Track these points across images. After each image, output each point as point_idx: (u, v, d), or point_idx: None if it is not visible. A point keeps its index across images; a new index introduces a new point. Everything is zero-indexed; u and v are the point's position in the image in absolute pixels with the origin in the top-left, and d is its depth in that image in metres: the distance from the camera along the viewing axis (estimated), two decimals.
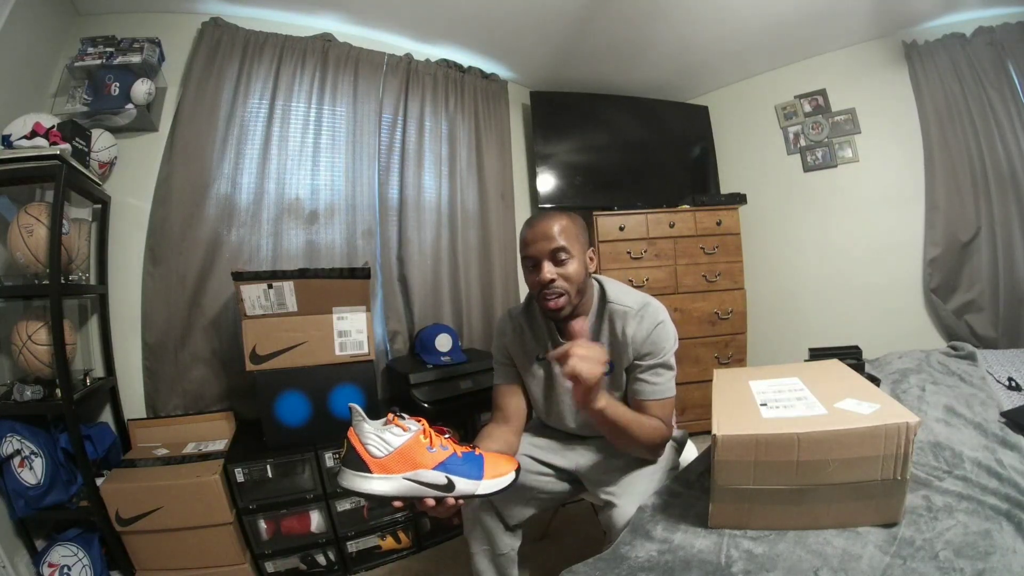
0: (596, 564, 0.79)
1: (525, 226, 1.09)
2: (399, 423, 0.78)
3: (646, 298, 1.11)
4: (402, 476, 0.77)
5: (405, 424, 0.79)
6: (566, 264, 1.04)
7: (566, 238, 1.04)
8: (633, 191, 2.80)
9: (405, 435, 0.78)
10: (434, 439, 0.80)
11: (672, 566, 0.74)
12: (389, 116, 2.30)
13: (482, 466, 0.82)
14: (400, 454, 0.77)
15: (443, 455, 0.79)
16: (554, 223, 1.05)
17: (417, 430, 0.79)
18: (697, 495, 0.93)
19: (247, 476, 1.57)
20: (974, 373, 1.48)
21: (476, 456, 0.84)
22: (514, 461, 0.89)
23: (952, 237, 2.40)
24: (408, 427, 0.78)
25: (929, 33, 2.41)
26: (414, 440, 0.78)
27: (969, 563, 0.66)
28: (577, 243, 1.06)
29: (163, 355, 1.83)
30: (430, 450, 0.79)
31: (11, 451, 1.38)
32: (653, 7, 2.17)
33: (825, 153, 2.73)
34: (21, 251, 1.42)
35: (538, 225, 1.06)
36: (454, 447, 0.82)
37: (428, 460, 0.78)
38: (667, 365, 1.08)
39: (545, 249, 1.04)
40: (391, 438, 0.77)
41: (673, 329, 1.10)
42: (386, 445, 0.76)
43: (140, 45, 1.75)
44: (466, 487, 0.80)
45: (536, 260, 1.05)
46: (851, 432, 0.73)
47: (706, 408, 0.91)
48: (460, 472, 0.80)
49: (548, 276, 1.03)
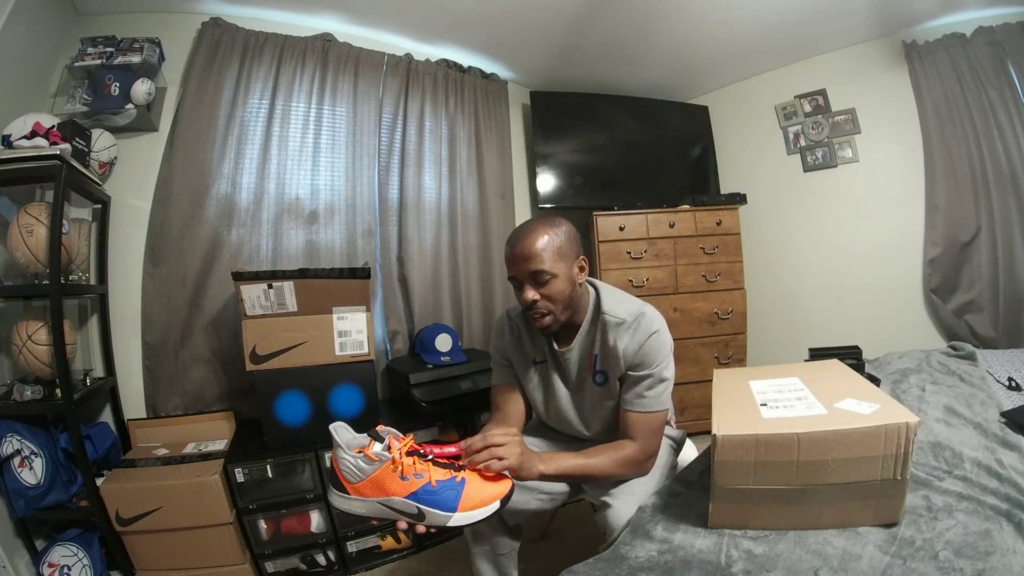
0: (596, 564, 0.79)
1: (507, 244, 1.06)
2: (370, 454, 0.79)
3: (642, 307, 1.07)
4: (376, 500, 0.80)
5: (376, 454, 0.79)
6: (548, 285, 1.01)
7: (547, 257, 1.00)
8: (633, 191, 2.80)
9: (375, 465, 0.79)
10: (407, 468, 0.80)
11: (672, 566, 0.74)
12: (389, 116, 2.30)
13: (459, 496, 0.81)
14: (372, 482, 0.79)
15: (416, 484, 0.80)
16: (534, 242, 1.01)
17: (386, 461, 0.79)
18: (697, 495, 0.93)
19: (247, 476, 1.57)
20: (974, 373, 1.48)
21: (455, 484, 0.82)
22: (506, 484, 0.86)
23: (952, 237, 2.40)
24: (379, 456, 0.79)
25: (929, 33, 2.41)
26: (384, 471, 0.79)
27: (969, 563, 0.66)
28: (560, 260, 1.02)
29: (163, 355, 1.83)
30: (402, 479, 0.79)
31: (11, 451, 1.38)
32: (653, 7, 2.17)
33: (825, 153, 2.73)
34: (21, 251, 1.42)
35: (517, 245, 1.02)
36: (431, 475, 0.81)
37: (399, 488, 0.79)
38: (659, 378, 1.03)
39: (525, 271, 1.02)
40: (363, 466, 0.79)
41: (668, 340, 1.06)
42: (358, 473, 0.79)
43: (140, 45, 1.75)
44: (436, 520, 0.80)
45: (518, 281, 1.04)
46: (851, 432, 0.73)
47: (706, 408, 0.91)
48: (431, 503, 0.80)
49: (530, 298, 1.02)
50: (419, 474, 0.80)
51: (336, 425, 0.83)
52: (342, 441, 0.80)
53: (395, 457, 0.80)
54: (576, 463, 0.99)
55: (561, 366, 1.14)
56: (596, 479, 1.03)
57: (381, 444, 0.81)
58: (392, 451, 0.80)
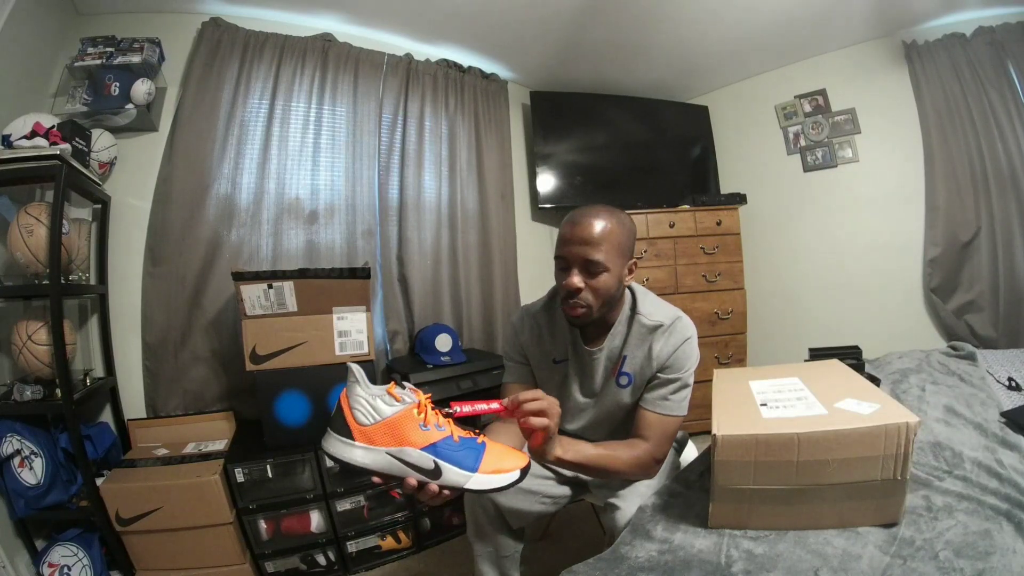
0: (596, 564, 0.79)
1: (567, 220, 1.00)
2: (394, 393, 0.70)
3: (678, 313, 1.06)
4: (385, 450, 0.69)
5: (400, 395, 0.71)
6: (598, 277, 0.96)
7: (606, 249, 0.95)
8: (633, 191, 2.80)
9: (396, 406, 0.70)
10: (429, 416, 0.72)
11: (672, 566, 0.74)
12: (389, 116, 2.30)
13: (480, 457, 0.73)
14: (387, 426, 0.69)
15: (436, 436, 0.71)
16: (599, 228, 0.95)
17: (411, 403, 0.71)
18: (697, 495, 0.93)
19: (247, 476, 1.56)
20: (974, 373, 1.48)
21: (476, 444, 0.74)
22: (524, 457, 0.77)
23: (952, 237, 2.40)
24: (402, 398, 0.71)
25: (929, 33, 2.41)
26: (405, 413, 0.70)
27: (969, 563, 0.66)
28: (617, 255, 0.98)
29: (163, 355, 1.83)
30: (422, 428, 0.71)
31: (11, 451, 1.38)
32: (653, 7, 2.17)
33: (825, 153, 2.73)
34: (21, 251, 1.42)
35: (580, 225, 0.96)
36: (452, 429, 0.74)
37: (417, 438, 0.70)
38: (684, 383, 1.02)
39: (579, 256, 0.96)
40: (381, 407, 0.70)
41: (697, 348, 1.05)
42: (374, 413, 0.69)
43: (140, 45, 1.75)
44: (454, 477, 0.71)
45: (567, 263, 0.98)
46: (851, 432, 0.73)
47: (706, 408, 0.90)
48: (451, 459, 0.71)
49: (576, 285, 0.96)
50: (441, 426, 0.72)
51: (354, 365, 0.73)
52: (360, 377, 0.70)
53: (420, 401, 0.72)
54: (595, 453, 0.95)
55: (585, 366, 1.10)
56: (608, 474, 1.00)
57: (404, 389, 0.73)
58: (418, 393, 0.73)
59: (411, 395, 0.72)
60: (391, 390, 0.70)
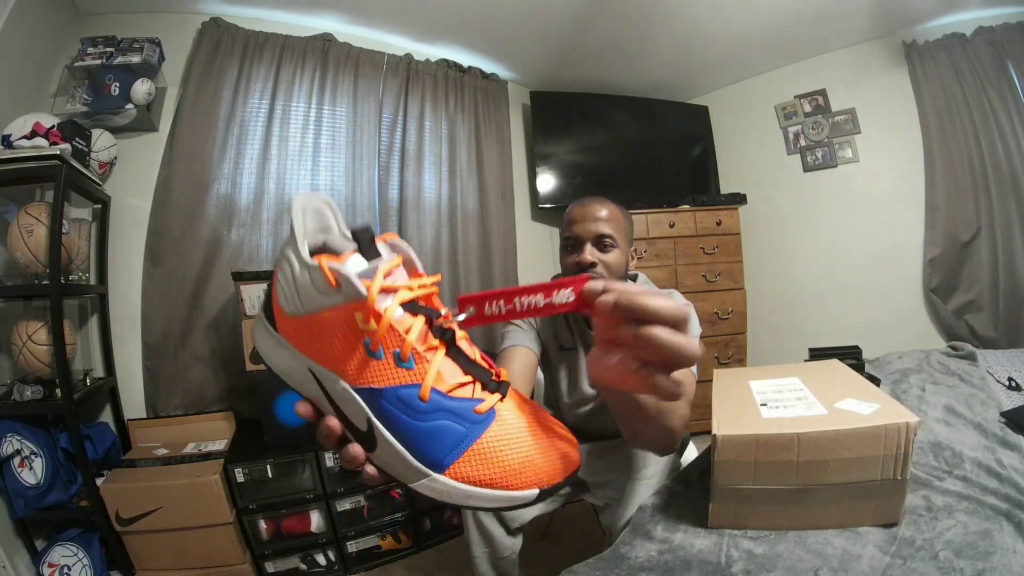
0: (596, 564, 0.79)
1: (573, 204, 1.03)
2: (328, 268, 0.36)
3: (670, 291, 1.10)
4: (308, 361, 0.39)
5: (338, 274, 0.36)
6: (609, 252, 0.98)
7: (615, 226, 0.99)
8: (633, 191, 2.80)
9: (330, 296, 0.36)
10: (385, 333, 0.37)
11: (672, 566, 0.74)
12: (389, 116, 2.30)
13: (468, 441, 0.37)
14: (309, 325, 0.38)
15: (392, 376, 0.37)
16: (605, 207, 1.00)
17: (352, 297, 0.36)
18: (697, 495, 0.92)
19: (247, 476, 1.56)
20: (974, 373, 1.48)
21: (474, 416, 0.38)
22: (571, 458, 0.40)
23: (952, 237, 2.40)
24: (340, 280, 0.36)
25: (929, 33, 2.41)
26: (339, 314, 0.37)
27: (969, 563, 0.66)
28: (623, 236, 1.01)
29: (163, 355, 1.83)
30: (369, 352, 0.37)
31: (11, 451, 1.38)
32: (653, 7, 2.17)
33: (825, 153, 2.73)
34: (21, 251, 1.42)
35: (589, 206, 1.00)
36: (434, 369, 0.38)
37: (353, 367, 0.37)
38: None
39: (591, 231, 0.98)
40: (307, 287, 0.37)
41: (697, 319, 1.04)
42: (293, 297, 0.38)
43: (140, 45, 1.75)
44: (394, 466, 0.38)
45: (579, 241, 1.00)
46: (851, 432, 0.73)
47: (706, 408, 0.90)
48: (405, 428, 0.37)
49: (589, 258, 0.96)
50: (407, 359, 0.37)
51: (308, 198, 0.39)
52: (300, 228, 0.38)
53: (370, 295, 0.36)
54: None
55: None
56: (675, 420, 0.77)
57: (364, 266, 0.38)
58: (375, 281, 0.36)
59: (358, 284, 0.35)
60: (325, 264, 0.36)
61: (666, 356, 0.34)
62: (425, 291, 0.40)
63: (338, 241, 0.41)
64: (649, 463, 1.08)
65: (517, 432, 0.39)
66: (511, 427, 0.39)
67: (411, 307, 0.39)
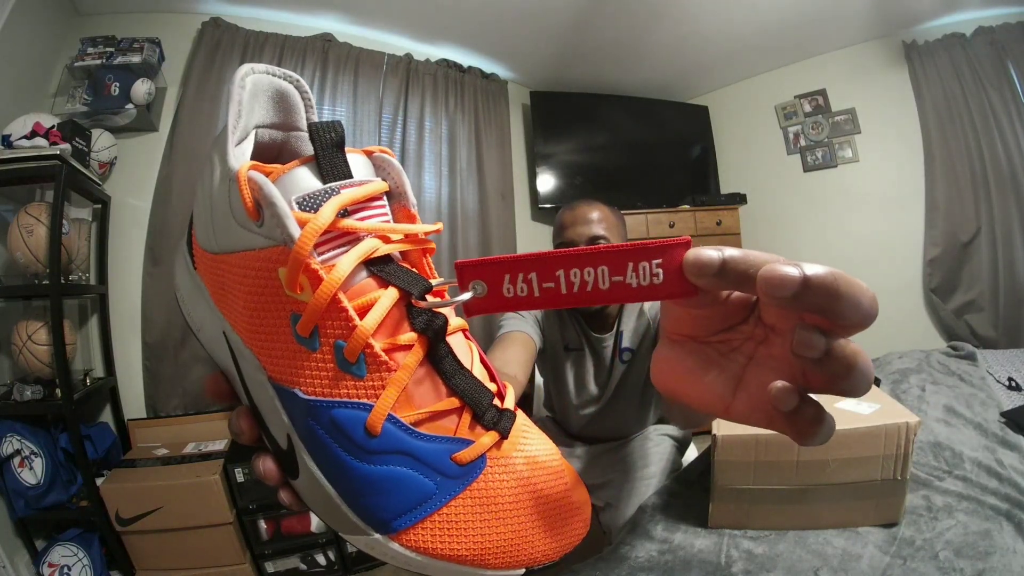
0: (596, 564, 0.79)
1: (564, 209, 1.04)
2: (255, 194, 0.22)
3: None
4: (224, 322, 0.26)
5: (269, 201, 0.22)
6: None
7: (607, 227, 0.99)
8: (633, 191, 2.80)
9: (250, 230, 0.23)
10: (341, 310, 0.22)
11: (672, 566, 0.74)
12: (389, 116, 2.30)
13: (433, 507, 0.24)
14: (222, 269, 0.25)
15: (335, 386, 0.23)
16: (595, 210, 1.00)
17: (277, 238, 0.22)
18: (697, 495, 0.92)
19: (247, 476, 1.56)
20: (974, 373, 1.48)
21: (455, 470, 0.24)
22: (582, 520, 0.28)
23: (952, 237, 2.40)
24: (267, 206, 0.22)
25: (929, 33, 2.41)
26: (262, 260, 0.23)
27: (969, 563, 0.66)
28: (618, 236, 1.02)
29: (163, 355, 1.83)
30: (301, 341, 0.23)
31: (11, 451, 1.38)
32: (653, 7, 2.17)
33: (825, 153, 2.73)
34: (21, 251, 1.42)
35: (580, 209, 1.01)
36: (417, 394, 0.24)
37: (278, 356, 0.24)
38: None
39: (584, 234, 0.98)
40: (223, 214, 0.24)
41: None
42: (208, 225, 0.26)
43: (140, 45, 1.75)
44: (326, 510, 0.27)
45: (572, 245, 0.99)
46: (851, 432, 0.73)
47: None
48: (337, 469, 0.24)
49: None
50: (355, 360, 0.23)
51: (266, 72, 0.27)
52: (236, 115, 0.25)
53: (302, 239, 0.21)
54: None
55: (598, 353, 1.11)
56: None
57: (314, 187, 0.24)
58: (318, 215, 0.22)
59: (288, 222, 0.22)
60: (243, 174, 0.23)
61: (849, 385, 0.20)
62: (410, 245, 0.26)
63: (302, 145, 0.29)
64: (649, 463, 1.09)
65: (513, 494, 0.25)
66: (505, 487, 0.25)
67: (381, 270, 0.24)
